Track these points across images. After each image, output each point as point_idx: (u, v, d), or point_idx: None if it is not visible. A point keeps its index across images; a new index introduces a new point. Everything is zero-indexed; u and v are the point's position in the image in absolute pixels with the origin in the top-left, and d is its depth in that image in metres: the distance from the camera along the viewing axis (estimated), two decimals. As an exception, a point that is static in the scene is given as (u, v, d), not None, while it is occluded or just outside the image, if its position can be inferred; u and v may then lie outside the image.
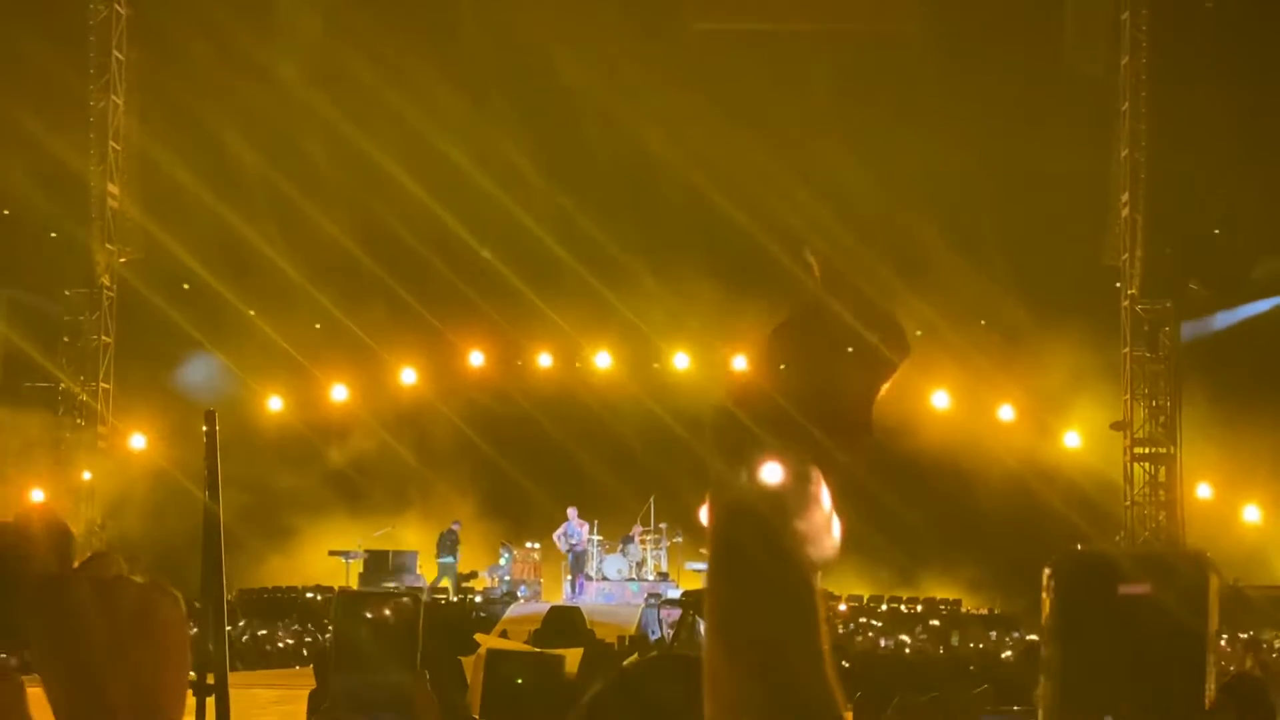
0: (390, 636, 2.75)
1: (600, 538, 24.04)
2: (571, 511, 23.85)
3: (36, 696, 1.18)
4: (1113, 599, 1.45)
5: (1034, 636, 20.50)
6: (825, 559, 1.25)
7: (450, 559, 23.74)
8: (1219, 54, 20.48)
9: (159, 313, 21.85)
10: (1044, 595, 1.61)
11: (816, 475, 1.25)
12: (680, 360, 24.17)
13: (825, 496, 1.26)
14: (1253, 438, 20.78)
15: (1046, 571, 1.62)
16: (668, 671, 2.48)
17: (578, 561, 23.82)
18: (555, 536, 23.94)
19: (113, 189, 22.76)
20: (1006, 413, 23.61)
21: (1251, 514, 22.04)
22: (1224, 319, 22.62)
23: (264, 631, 21.07)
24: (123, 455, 23.43)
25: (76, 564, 1.17)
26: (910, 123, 21.66)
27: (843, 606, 22.43)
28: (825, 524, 1.26)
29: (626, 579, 23.64)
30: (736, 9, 23.04)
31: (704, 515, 1.26)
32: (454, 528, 23.87)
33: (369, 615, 2.81)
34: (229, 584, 2.16)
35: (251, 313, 22.71)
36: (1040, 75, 22.05)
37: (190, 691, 2.17)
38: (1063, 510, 21.28)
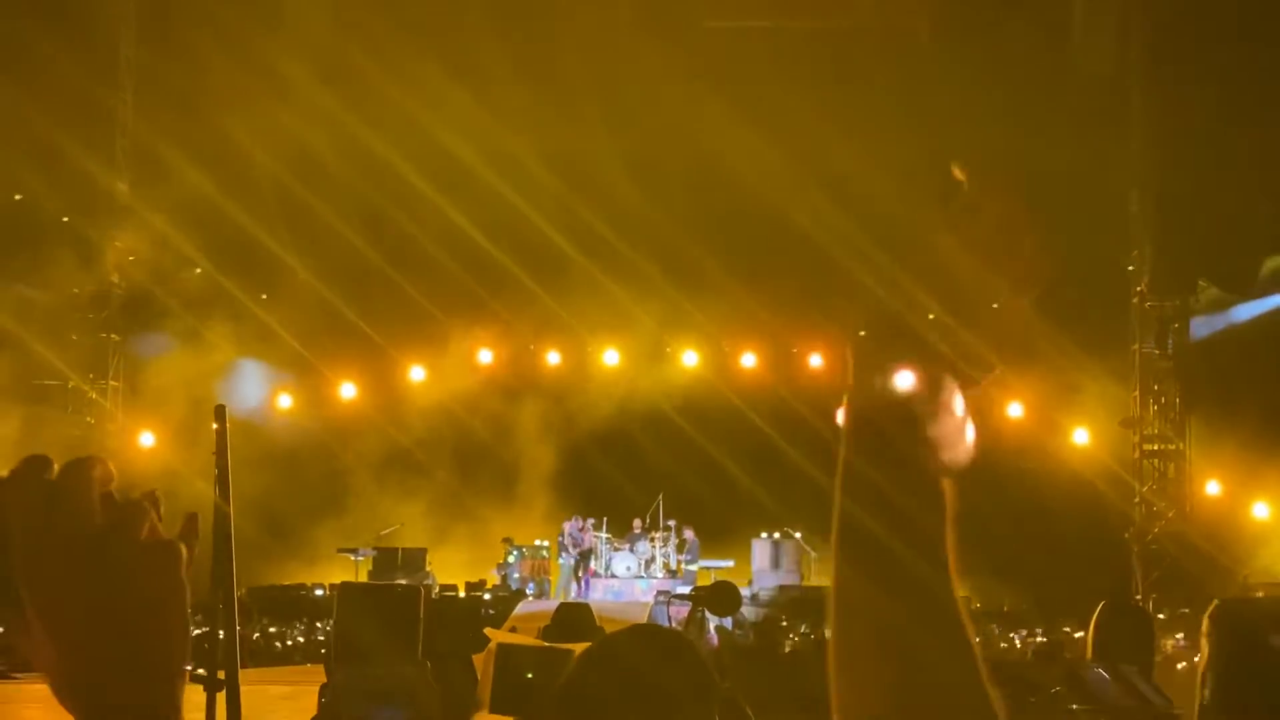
0: (392, 628, 2.76)
1: (608, 535, 24.03)
2: (570, 524, 23.89)
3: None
4: (1274, 648, 1.44)
5: (1044, 638, 20.50)
6: (959, 465, 1.27)
7: (568, 559, 23.81)
8: (1230, 49, 20.43)
9: (169, 310, 21.87)
10: (1203, 640, 1.62)
11: (950, 383, 1.26)
12: (689, 358, 24.13)
13: (959, 404, 1.27)
14: (1262, 435, 20.74)
15: (1207, 617, 1.62)
16: (645, 640, 2.51)
17: (583, 558, 23.84)
18: (561, 543, 23.97)
19: (122, 186, 22.77)
20: (1015, 409, 23.55)
21: (1260, 511, 22.01)
22: (1233, 316, 22.57)
23: (274, 629, 21.09)
24: (132, 453, 23.44)
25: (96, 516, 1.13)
26: (918, 119, 21.61)
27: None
28: (958, 431, 1.27)
29: (635, 576, 23.63)
30: (746, 5, 23.03)
31: (840, 417, 1.28)
32: (566, 527, 23.91)
33: (370, 607, 2.81)
34: (238, 581, 2.16)
35: (266, 316, 22.70)
36: (1050, 70, 21.98)
37: (201, 687, 2.18)
38: (1072, 507, 21.24)
